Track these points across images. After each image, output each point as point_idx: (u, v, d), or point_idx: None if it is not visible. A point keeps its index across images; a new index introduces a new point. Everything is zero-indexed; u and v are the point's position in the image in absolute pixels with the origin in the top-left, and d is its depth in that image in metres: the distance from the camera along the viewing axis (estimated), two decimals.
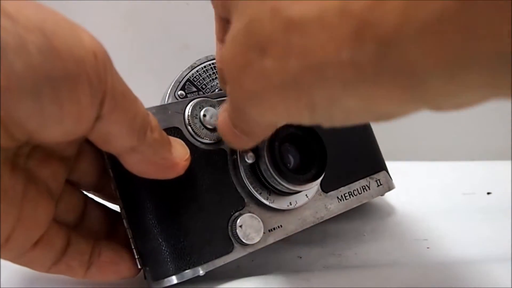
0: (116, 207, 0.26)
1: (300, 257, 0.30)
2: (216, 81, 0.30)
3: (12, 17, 0.15)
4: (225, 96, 0.27)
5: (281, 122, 0.18)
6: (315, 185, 0.28)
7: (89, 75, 0.17)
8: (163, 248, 0.24)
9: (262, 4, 0.15)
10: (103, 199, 0.27)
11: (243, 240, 0.25)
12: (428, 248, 0.32)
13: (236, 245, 0.25)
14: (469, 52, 0.11)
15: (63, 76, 0.16)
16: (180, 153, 0.23)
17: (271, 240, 0.27)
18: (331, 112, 0.15)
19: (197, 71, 0.29)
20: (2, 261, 0.21)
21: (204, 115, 0.26)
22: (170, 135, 0.23)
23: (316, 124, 0.17)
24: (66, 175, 0.24)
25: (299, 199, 0.28)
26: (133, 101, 0.20)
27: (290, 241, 0.29)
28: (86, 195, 0.26)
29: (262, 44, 0.15)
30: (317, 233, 0.32)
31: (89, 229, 0.25)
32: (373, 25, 0.12)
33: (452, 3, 0.11)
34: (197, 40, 0.47)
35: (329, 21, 0.13)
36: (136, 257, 0.24)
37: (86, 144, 0.24)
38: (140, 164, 0.21)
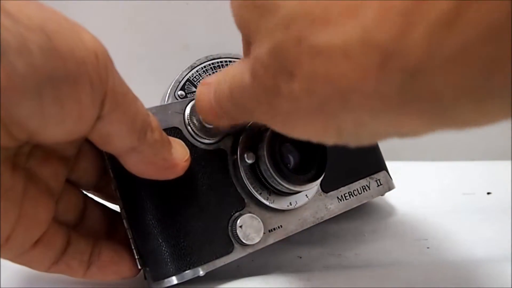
0: (116, 207, 0.26)
1: (300, 257, 0.30)
2: None
3: (13, 16, 0.15)
4: None
5: (305, 139, 0.18)
6: (315, 185, 0.28)
7: (90, 75, 0.17)
8: (163, 248, 0.24)
9: (286, 31, 0.15)
10: (103, 199, 0.27)
11: (243, 241, 0.25)
12: (428, 248, 0.32)
13: (236, 245, 0.25)
14: (495, 81, 0.11)
15: (64, 76, 0.16)
16: (180, 153, 0.23)
17: (271, 240, 0.27)
18: (358, 134, 0.16)
19: (197, 71, 0.29)
20: (2, 261, 0.21)
21: None
22: (170, 135, 0.23)
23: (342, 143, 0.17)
24: (66, 174, 0.24)
25: (299, 199, 0.28)
26: (133, 101, 0.20)
27: (290, 241, 0.29)
28: (86, 195, 0.26)
29: (289, 68, 0.15)
30: (317, 233, 0.32)
31: (89, 228, 0.25)
32: (399, 55, 0.12)
33: (475, 34, 0.11)
34: (197, 40, 0.47)
35: (352, 51, 0.13)
36: (136, 257, 0.24)
37: (86, 144, 0.24)
38: (140, 165, 0.21)
